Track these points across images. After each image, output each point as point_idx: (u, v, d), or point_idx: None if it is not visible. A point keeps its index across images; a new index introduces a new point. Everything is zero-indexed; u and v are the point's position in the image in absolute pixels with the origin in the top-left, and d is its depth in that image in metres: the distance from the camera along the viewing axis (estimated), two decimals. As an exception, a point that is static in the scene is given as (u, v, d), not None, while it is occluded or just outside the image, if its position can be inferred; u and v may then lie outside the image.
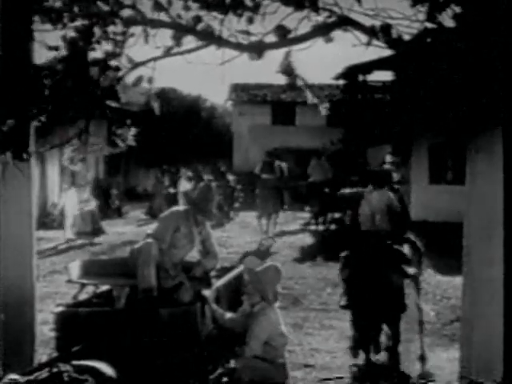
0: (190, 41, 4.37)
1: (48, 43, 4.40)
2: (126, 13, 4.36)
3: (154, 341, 5.13)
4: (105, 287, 5.96)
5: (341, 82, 25.73)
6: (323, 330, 8.35)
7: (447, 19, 4.03)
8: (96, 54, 4.45)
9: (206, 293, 5.43)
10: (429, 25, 4.01)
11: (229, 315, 5.40)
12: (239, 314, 5.35)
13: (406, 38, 4.10)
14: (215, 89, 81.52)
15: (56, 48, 4.34)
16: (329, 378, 6.42)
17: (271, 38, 4.29)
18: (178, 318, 5.22)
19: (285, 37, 4.24)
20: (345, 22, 4.19)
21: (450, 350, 7.37)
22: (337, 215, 15.80)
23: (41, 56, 4.63)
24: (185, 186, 23.72)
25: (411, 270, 6.53)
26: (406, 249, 6.78)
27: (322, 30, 4.22)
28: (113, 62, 4.44)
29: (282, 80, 4.86)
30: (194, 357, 5.19)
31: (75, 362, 4.33)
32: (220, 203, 10.03)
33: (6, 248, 5.53)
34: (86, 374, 4.11)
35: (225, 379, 5.26)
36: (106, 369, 4.60)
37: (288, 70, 4.63)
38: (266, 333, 5.06)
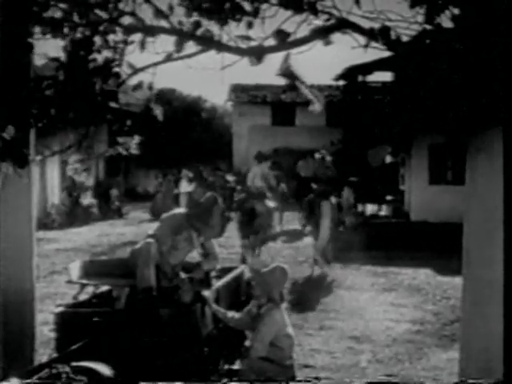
0: (190, 45, 4.37)
1: (48, 50, 4.41)
2: (126, 20, 4.36)
3: (154, 341, 5.13)
4: (105, 288, 5.96)
5: (341, 82, 25.78)
6: (323, 331, 8.35)
7: (446, 20, 4.03)
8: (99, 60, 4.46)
9: (206, 293, 5.42)
10: (427, 26, 4.01)
11: (231, 314, 5.40)
12: (244, 313, 5.34)
13: (405, 39, 4.10)
14: (215, 89, 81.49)
15: (57, 59, 4.34)
16: None
17: (270, 42, 4.29)
18: (178, 318, 5.22)
19: (284, 40, 4.24)
20: (344, 25, 4.18)
21: (450, 350, 7.37)
22: None
23: (41, 58, 4.63)
24: (185, 187, 23.78)
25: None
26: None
27: (321, 33, 4.21)
28: (113, 69, 4.44)
29: (281, 81, 4.86)
30: (194, 357, 5.18)
31: (74, 363, 4.34)
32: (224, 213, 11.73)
33: (6, 248, 5.53)
34: (85, 375, 4.11)
35: (226, 380, 5.26)
36: (105, 370, 4.61)
37: (287, 72, 4.63)
38: (271, 334, 5.05)
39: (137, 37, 4.37)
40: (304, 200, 12.79)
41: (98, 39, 4.34)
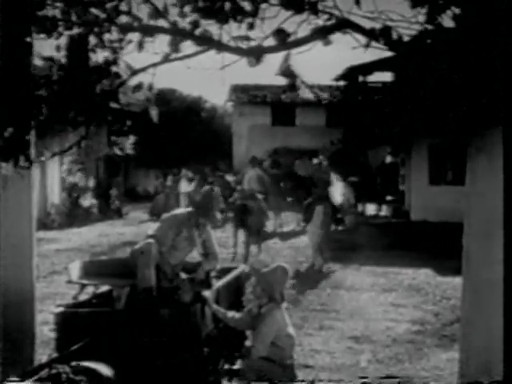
0: (189, 45, 4.36)
1: (47, 50, 4.41)
2: (123, 19, 4.35)
3: (154, 341, 5.13)
4: (105, 288, 5.96)
5: (341, 83, 25.79)
6: (323, 331, 8.34)
7: (447, 20, 4.03)
8: (95, 60, 4.45)
9: (206, 293, 5.42)
10: (429, 26, 4.01)
11: (231, 314, 5.39)
12: (245, 313, 5.33)
13: (406, 39, 4.10)
14: (215, 90, 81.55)
15: (51, 59, 4.34)
16: None
17: (270, 42, 4.28)
18: (178, 318, 5.22)
19: (284, 40, 4.23)
20: (344, 25, 4.17)
21: (450, 350, 7.36)
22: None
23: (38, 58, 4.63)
24: (185, 187, 23.78)
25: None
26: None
27: (322, 33, 4.21)
28: (112, 69, 4.43)
29: (281, 81, 4.85)
30: (194, 357, 5.18)
31: (74, 363, 4.33)
32: (223, 207, 13.61)
33: (6, 248, 5.53)
34: (85, 375, 4.11)
35: (226, 379, 5.26)
36: (105, 370, 4.61)
37: (287, 72, 4.63)
38: (272, 334, 5.04)
39: (135, 37, 4.36)
40: (304, 202, 13.37)
41: (92, 38, 4.33)
